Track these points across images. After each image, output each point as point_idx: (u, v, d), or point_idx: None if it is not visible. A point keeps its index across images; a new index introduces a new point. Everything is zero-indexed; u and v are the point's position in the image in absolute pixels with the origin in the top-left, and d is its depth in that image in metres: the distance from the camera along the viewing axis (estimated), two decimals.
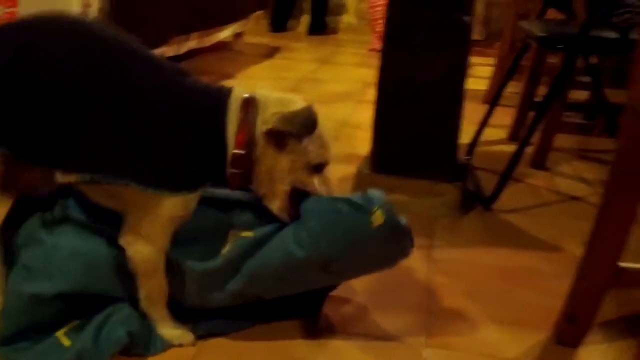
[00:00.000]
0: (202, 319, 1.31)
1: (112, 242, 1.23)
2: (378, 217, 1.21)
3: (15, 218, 1.26)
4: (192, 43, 3.65)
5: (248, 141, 1.17)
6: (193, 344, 1.27)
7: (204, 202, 1.25)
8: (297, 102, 1.21)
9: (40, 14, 1.16)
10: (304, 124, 1.16)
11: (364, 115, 3.07)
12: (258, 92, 1.21)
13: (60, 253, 1.23)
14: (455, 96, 1.89)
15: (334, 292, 1.41)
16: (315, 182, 1.24)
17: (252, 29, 4.65)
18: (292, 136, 1.17)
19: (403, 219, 1.25)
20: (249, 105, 1.18)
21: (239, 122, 1.17)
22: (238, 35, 4.52)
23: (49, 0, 2.47)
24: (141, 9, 2.93)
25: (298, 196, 1.23)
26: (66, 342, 1.21)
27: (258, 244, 1.26)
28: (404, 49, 1.89)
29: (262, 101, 1.19)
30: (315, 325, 1.36)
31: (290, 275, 1.25)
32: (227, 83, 1.26)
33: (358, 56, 4.70)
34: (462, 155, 2.12)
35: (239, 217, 1.32)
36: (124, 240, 1.19)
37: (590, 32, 1.90)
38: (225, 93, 1.21)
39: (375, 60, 4.46)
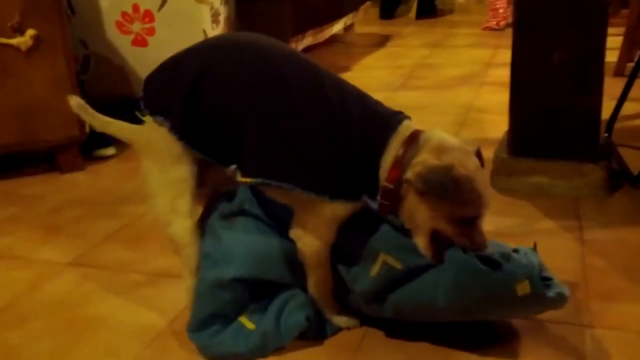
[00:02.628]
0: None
1: (284, 234, 1.34)
2: (524, 287, 1.20)
3: (209, 211, 1.43)
4: (307, 40, 3.76)
5: (399, 178, 1.19)
6: (359, 326, 1.36)
7: (358, 218, 1.29)
8: (453, 151, 1.18)
9: (219, 36, 1.28)
10: (438, 186, 1.14)
11: (489, 98, 3.05)
12: (426, 132, 1.22)
13: (237, 246, 1.35)
14: (595, 74, 1.85)
15: None
16: (459, 234, 1.19)
17: (362, 19, 4.70)
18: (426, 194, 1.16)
19: (553, 290, 1.22)
20: (411, 142, 1.20)
21: (395, 158, 1.20)
22: (349, 27, 4.60)
23: (183, 14, 2.67)
24: (263, 15, 3.08)
25: (443, 241, 1.21)
26: (250, 325, 1.33)
27: (404, 279, 1.28)
28: (537, 30, 1.87)
29: (422, 143, 1.20)
30: None
31: (432, 314, 1.29)
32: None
33: (472, 37, 4.63)
34: (601, 133, 2.06)
35: (390, 240, 1.31)
36: (294, 234, 1.29)
37: None
38: (394, 123, 1.23)
39: (491, 40, 4.47)
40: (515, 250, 1.28)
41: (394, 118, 1.25)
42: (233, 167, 1.29)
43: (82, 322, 1.45)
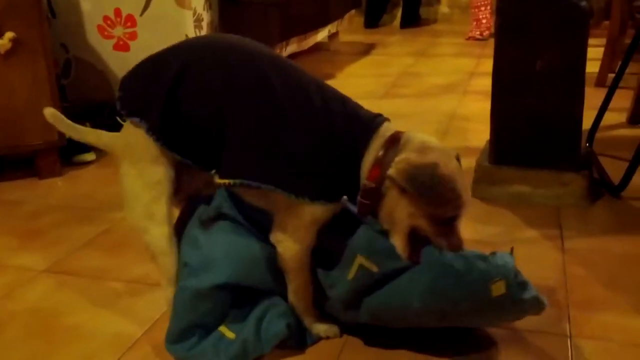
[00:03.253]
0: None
1: (263, 239, 1.32)
2: (499, 288, 1.21)
3: (185, 218, 1.40)
4: (291, 47, 3.76)
5: (380, 177, 1.19)
6: (339, 335, 1.35)
7: (338, 220, 1.28)
8: (435, 151, 1.18)
9: (200, 37, 1.26)
10: (422, 184, 1.13)
11: (472, 106, 3.06)
12: (407, 133, 1.22)
13: (216, 252, 1.32)
14: (576, 83, 1.86)
15: None
16: (437, 233, 1.18)
17: (346, 28, 4.71)
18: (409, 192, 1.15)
19: (529, 292, 1.23)
20: (392, 143, 1.20)
21: (376, 158, 1.20)
22: (333, 35, 4.60)
23: (165, 19, 2.66)
24: (247, 21, 3.06)
25: (420, 241, 1.21)
26: (230, 334, 1.31)
27: (379, 283, 1.27)
28: (519, 38, 1.88)
29: (403, 142, 1.20)
30: None
31: (408, 318, 1.28)
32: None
33: (456, 46, 4.66)
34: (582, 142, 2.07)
35: (367, 243, 1.30)
36: (275, 238, 1.28)
37: None
38: (375, 125, 1.23)
39: (474, 49, 4.50)
40: (492, 254, 1.28)
41: (374, 120, 1.25)
42: (211, 172, 1.28)
43: (58, 331, 1.42)
